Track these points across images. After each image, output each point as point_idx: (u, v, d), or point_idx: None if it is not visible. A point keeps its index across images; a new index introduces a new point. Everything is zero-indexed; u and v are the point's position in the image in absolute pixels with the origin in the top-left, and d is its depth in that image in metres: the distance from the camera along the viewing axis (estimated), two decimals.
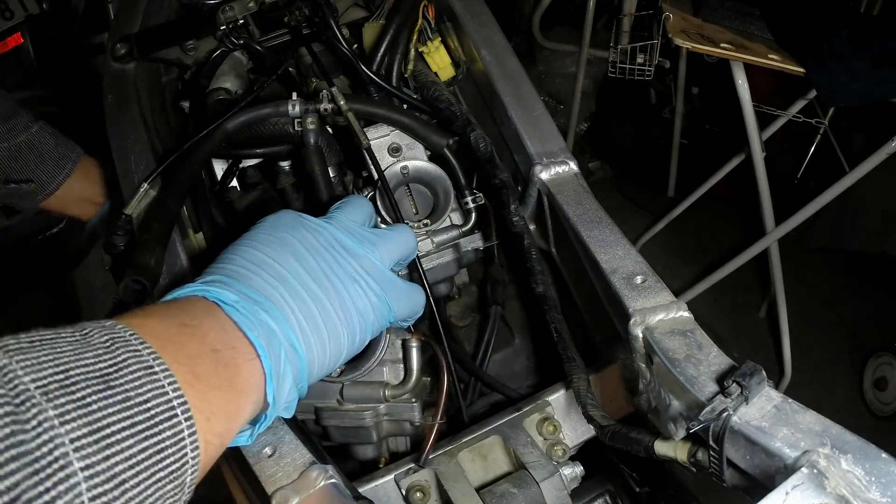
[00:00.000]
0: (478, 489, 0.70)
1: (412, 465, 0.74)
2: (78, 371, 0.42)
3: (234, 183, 1.11)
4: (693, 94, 3.03)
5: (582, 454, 0.79)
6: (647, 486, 0.82)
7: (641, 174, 3.36)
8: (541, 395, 0.81)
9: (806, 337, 2.66)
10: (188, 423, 0.46)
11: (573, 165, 0.91)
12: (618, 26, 2.59)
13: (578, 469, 0.73)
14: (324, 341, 0.61)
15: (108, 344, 0.45)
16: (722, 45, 1.86)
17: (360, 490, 0.72)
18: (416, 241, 0.77)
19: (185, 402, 0.46)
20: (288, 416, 0.61)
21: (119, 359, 0.44)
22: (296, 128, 0.90)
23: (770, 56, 1.83)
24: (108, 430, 0.41)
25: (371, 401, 0.82)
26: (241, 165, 1.10)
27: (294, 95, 0.90)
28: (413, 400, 0.83)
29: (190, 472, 0.47)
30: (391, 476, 0.74)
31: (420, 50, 1.08)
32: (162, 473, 0.44)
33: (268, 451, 0.65)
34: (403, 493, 0.72)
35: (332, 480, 0.62)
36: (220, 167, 1.10)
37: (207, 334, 0.52)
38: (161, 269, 0.81)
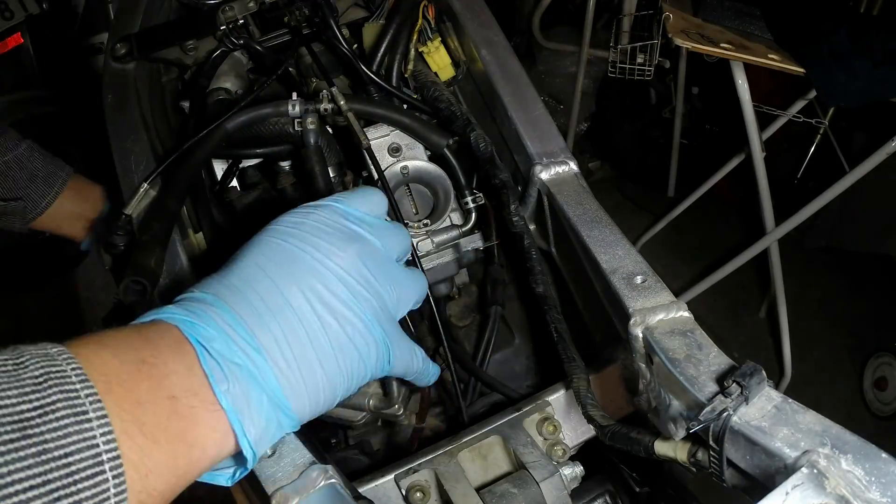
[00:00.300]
0: (478, 489, 0.70)
1: (412, 464, 0.74)
2: None
3: (234, 183, 1.11)
4: (693, 94, 3.03)
5: (582, 454, 0.79)
6: (647, 486, 0.82)
7: (641, 174, 3.36)
8: (541, 395, 0.81)
9: (806, 337, 2.66)
10: (116, 480, 0.41)
11: (573, 165, 0.91)
12: (618, 26, 2.59)
13: (578, 469, 0.73)
14: (317, 389, 0.55)
15: (40, 380, 0.40)
16: (722, 45, 1.86)
17: (360, 490, 0.72)
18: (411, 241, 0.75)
19: (117, 458, 0.41)
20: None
21: (47, 400, 0.39)
22: (296, 128, 0.90)
23: (770, 56, 1.83)
24: (13, 489, 0.36)
25: (356, 408, 0.83)
26: (241, 165, 1.10)
27: (294, 95, 0.90)
28: (398, 411, 0.81)
29: None
30: (391, 476, 0.74)
31: (420, 50, 1.08)
32: None
33: (268, 451, 0.65)
34: (403, 492, 0.72)
35: (332, 480, 0.62)
36: (220, 167, 1.10)
37: (168, 377, 0.47)
38: (161, 269, 0.81)
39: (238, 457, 0.53)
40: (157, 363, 0.47)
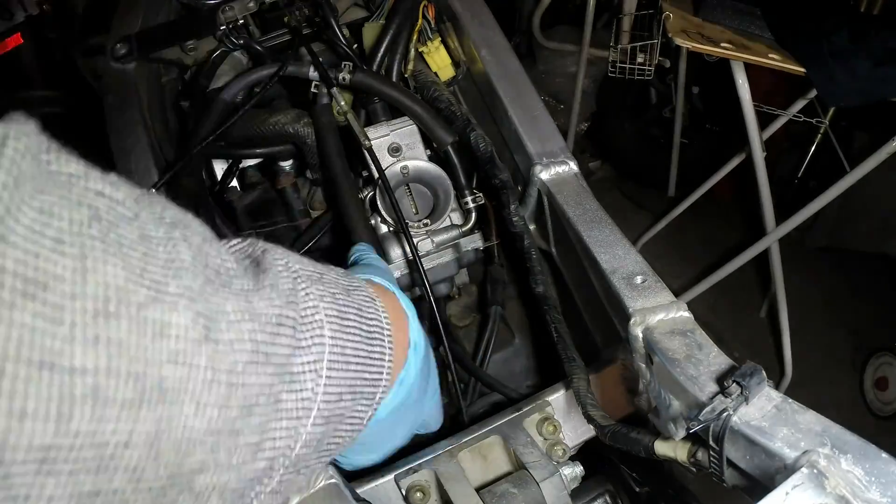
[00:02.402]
0: (478, 489, 0.70)
1: (412, 465, 0.74)
2: (330, 277, 0.52)
3: (234, 183, 1.11)
4: (693, 94, 3.02)
5: (582, 454, 0.79)
6: (647, 486, 0.82)
7: (642, 174, 3.35)
8: (541, 395, 0.81)
9: (806, 337, 2.65)
10: (390, 350, 0.55)
11: (573, 165, 0.91)
12: (618, 26, 2.58)
13: (578, 469, 0.73)
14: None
15: (367, 301, 0.55)
16: (722, 44, 1.86)
17: (360, 490, 0.72)
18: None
19: (390, 334, 0.55)
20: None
21: (355, 284, 0.55)
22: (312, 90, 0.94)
23: (770, 56, 1.83)
24: (346, 322, 0.50)
25: None
26: (241, 165, 1.10)
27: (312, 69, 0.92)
28: None
29: (381, 391, 0.54)
30: (391, 476, 0.74)
31: (420, 50, 1.08)
32: (367, 374, 0.52)
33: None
34: (403, 493, 0.72)
35: (332, 480, 0.62)
36: (220, 167, 1.10)
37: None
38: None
39: None
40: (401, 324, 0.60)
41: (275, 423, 0.43)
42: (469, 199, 0.95)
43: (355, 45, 1.05)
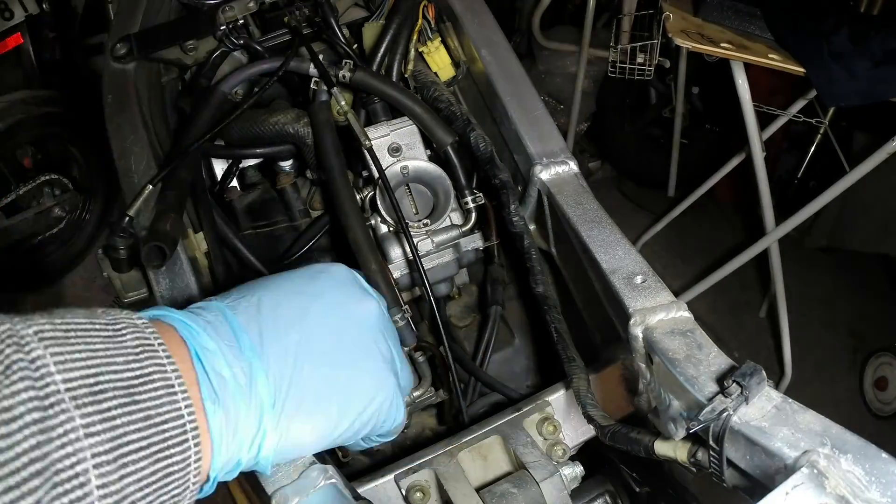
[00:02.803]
0: (478, 489, 0.70)
1: (412, 465, 0.74)
2: (108, 377, 0.41)
3: (234, 183, 1.11)
4: (693, 94, 3.03)
5: (582, 454, 0.79)
6: (647, 485, 0.82)
7: (641, 174, 3.35)
8: (541, 395, 0.81)
9: (806, 337, 2.66)
10: (196, 448, 0.46)
11: (573, 165, 0.91)
12: (618, 26, 2.59)
13: (578, 469, 0.73)
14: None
15: (137, 351, 0.44)
16: (722, 44, 1.86)
17: (360, 490, 0.72)
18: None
19: (196, 428, 0.46)
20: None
21: (146, 371, 0.44)
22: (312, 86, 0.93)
23: (770, 56, 1.83)
24: (126, 449, 0.40)
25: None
26: (241, 165, 1.10)
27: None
28: (431, 392, 0.87)
29: (189, 496, 0.47)
30: (391, 476, 0.74)
31: (420, 50, 1.08)
32: (165, 497, 0.44)
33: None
34: (403, 493, 0.72)
35: (332, 481, 0.62)
36: (219, 167, 1.10)
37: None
38: (178, 234, 0.81)
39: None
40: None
41: None
42: (469, 199, 0.95)
43: (355, 45, 1.05)
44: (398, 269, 0.93)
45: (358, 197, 0.90)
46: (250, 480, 0.66)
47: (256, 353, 0.53)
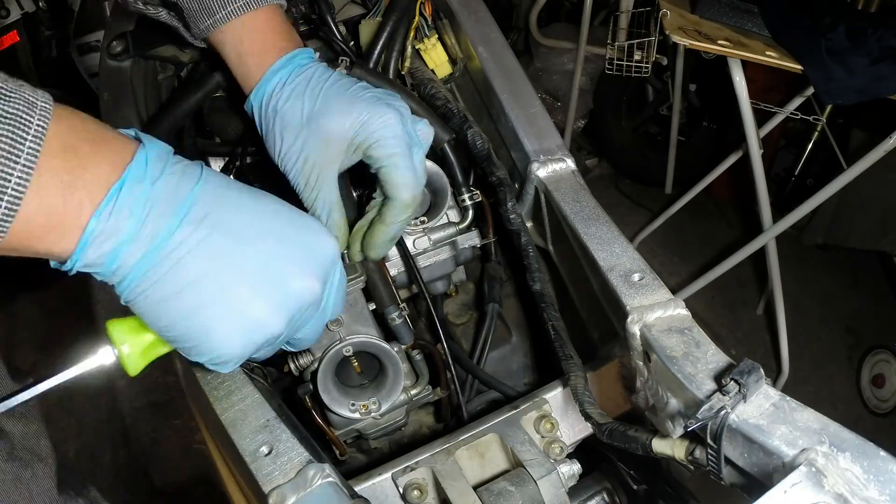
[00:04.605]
0: (475, 487, 0.70)
1: (409, 462, 0.74)
2: None
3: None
4: (690, 91, 3.03)
5: (579, 452, 0.79)
6: (645, 483, 0.82)
7: (639, 171, 3.36)
8: (538, 393, 0.81)
9: (803, 334, 2.66)
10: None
11: (570, 162, 0.91)
12: (615, 23, 2.58)
13: (576, 467, 0.73)
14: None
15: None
16: (719, 41, 1.85)
17: (357, 488, 0.72)
18: None
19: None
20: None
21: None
22: None
23: (767, 53, 1.83)
24: None
25: (400, 406, 0.86)
26: (237, 164, 1.10)
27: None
28: (428, 390, 0.87)
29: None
30: (388, 474, 0.73)
31: (417, 47, 1.08)
32: None
33: (264, 449, 0.65)
34: (401, 491, 0.72)
35: (329, 479, 0.62)
36: (218, 166, 1.09)
37: (99, 154, 0.55)
38: None
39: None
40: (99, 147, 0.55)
41: None
42: (466, 196, 0.95)
43: (352, 43, 1.05)
44: (395, 267, 0.92)
45: (354, 194, 0.90)
46: (247, 479, 0.66)
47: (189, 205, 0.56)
